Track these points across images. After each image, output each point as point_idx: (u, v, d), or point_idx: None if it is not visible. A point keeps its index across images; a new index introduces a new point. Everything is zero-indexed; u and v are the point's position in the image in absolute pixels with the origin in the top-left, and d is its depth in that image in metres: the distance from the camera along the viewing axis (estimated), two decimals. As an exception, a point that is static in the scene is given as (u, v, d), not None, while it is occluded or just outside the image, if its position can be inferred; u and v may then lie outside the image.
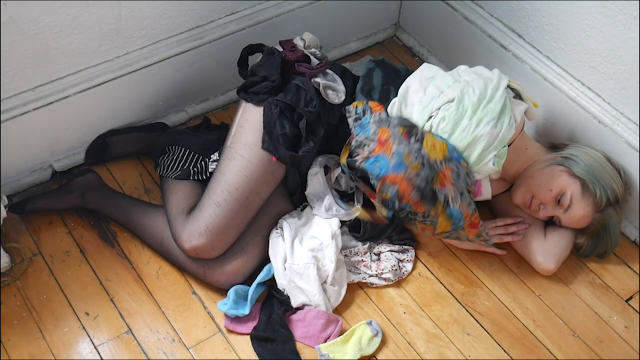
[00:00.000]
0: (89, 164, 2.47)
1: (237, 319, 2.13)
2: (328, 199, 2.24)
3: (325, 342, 2.10)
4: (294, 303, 2.14)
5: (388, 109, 2.17)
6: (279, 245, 2.20)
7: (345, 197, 2.30)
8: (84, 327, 2.11)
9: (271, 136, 2.14)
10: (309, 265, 2.14)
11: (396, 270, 2.23)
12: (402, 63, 2.84)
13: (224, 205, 2.12)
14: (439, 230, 2.08)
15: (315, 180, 2.26)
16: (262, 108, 2.16)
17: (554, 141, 2.37)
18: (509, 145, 2.13)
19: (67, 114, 2.34)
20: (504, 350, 2.13)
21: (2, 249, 2.17)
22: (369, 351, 2.09)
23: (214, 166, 2.28)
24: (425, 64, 2.23)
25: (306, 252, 2.16)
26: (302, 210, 2.30)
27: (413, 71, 2.24)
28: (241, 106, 2.23)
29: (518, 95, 2.18)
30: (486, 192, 2.17)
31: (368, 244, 2.26)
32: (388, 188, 2.03)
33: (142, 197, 2.41)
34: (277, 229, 2.23)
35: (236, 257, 2.17)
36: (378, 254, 2.26)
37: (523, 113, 2.15)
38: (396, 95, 2.19)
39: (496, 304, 2.23)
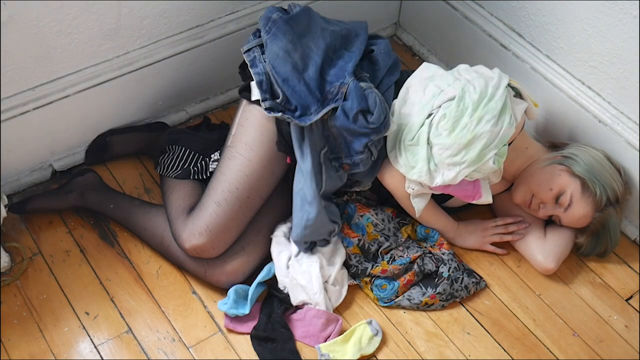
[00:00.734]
0: (89, 163, 2.47)
1: (237, 319, 2.13)
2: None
3: (325, 341, 2.10)
4: (294, 301, 2.14)
5: (390, 107, 2.17)
6: (283, 244, 2.20)
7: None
8: (84, 327, 2.11)
9: (285, 137, 2.13)
10: (311, 263, 2.14)
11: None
12: (402, 62, 2.84)
13: (225, 204, 2.12)
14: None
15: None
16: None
17: (554, 140, 2.37)
18: (509, 144, 2.13)
19: (67, 114, 2.34)
20: (504, 350, 2.13)
21: (2, 249, 2.17)
22: (369, 351, 2.09)
23: (214, 166, 2.28)
24: (424, 64, 2.23)
25: (312, 252, 2.18)
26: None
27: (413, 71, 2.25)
28: (241, 105, 2.22)
29: (518, 94, 2.18)
30: (486, 195, 2.17)
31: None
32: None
33: (142, 197, 2.41)
34: (283, 225, 2.23)
35: (236, 256, 2.17)
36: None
37: (523, 112, 2.15)
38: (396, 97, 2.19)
39: (496, 303, 2.23)
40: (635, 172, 2.26)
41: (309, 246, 2.17)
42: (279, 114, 2.06)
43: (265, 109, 2.07)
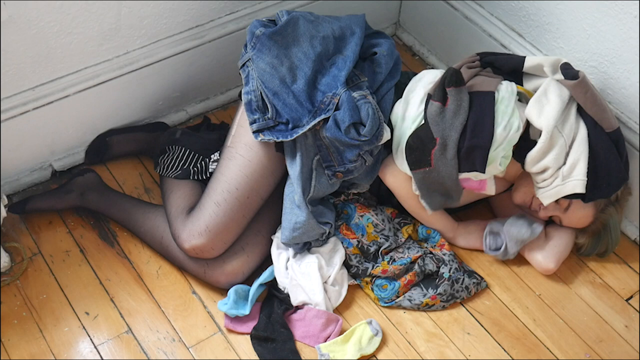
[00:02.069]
0: (89, 163, 2.47)
1: (237, 319, 2.13)
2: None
3: (325, 341, 2.10)
4: (294, 301, 2.14)
5: (394, 108, 2.17)
6: (283, 245, 2.20)
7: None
8: (84, 327, 2.11)
9: None
10: (310, 263, 2.14)
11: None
12: (402, 63, 2.83)
13: (224, 204, 2.12)
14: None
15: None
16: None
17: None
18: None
19: (67, 114, 2.34)
20: (504, 350, 2.13)
21: (2, 249, 2.17)
22: (369, 351, 2.09)
23: (214, 166, 2.28)
24: (426, 71, 2.23)
25: (310, 252, 2.18)
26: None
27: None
28: (241, 106, 2.22)
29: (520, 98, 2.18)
30: (490, 189, 2.18)
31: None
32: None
33: (142, 197, 2.41)
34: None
35: (236, 256, 2.17)
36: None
37: (526, 116, 2.14)
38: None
39: (496, 303, 2.22)
40: (635, 172, 2.26)
41: (302, 246, 2.17)
42: (268, 138, 2.07)
43: (254, 132, 2.09)
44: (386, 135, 2.09)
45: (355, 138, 2.03)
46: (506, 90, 2.09)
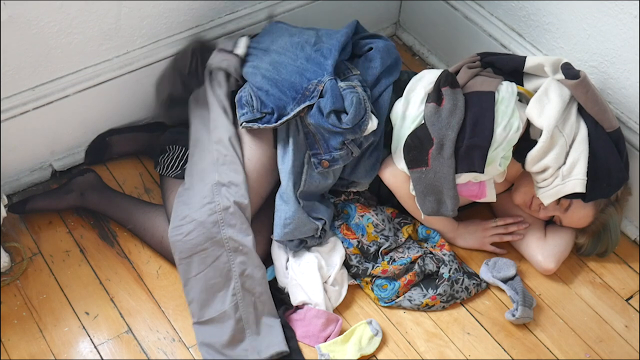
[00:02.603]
0: (89, 163, 2.47)
1: (237, 319, 2.13)
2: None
3: (325, 341, 2.10)
4: (294, 301, 2.14)
5: (394, 107, 2.17)
6: (283, 245, 2.20)
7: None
8: (84, 327, 2.11)
9: None
10: (309, 263, 2.14)
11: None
12: (402, 62, 2.83)
13: (224, 204, 2.12)
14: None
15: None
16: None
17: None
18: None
19: (67, 114, 2.34)
20: (504, 350, 2.13)
21: (2, 249, 2.17)
22: (369, 351, 2.09)
23: (214, 166, 2.28)
24: (427, 70, 2.23)
25: (309, 251, 2.18)
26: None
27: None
28: (241, 105, 2.23)
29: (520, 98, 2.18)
30: (490, 195, 2.17)
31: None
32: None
33: (142, 197, 2.41)
34: None
35: (236, 256, 2.17)
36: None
37: (526, 116, 2.15)
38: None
39: (496, 303, 2.22)
40: (635, 172, 2.26)
41: (299, 244, 2.17)
42: (251, 125, 2.11)
43: (240, 123, 2.13)
44: (371, 126, 2.09)
45: (336, 125, 2.04)
46: (506, 91, 2.09)
